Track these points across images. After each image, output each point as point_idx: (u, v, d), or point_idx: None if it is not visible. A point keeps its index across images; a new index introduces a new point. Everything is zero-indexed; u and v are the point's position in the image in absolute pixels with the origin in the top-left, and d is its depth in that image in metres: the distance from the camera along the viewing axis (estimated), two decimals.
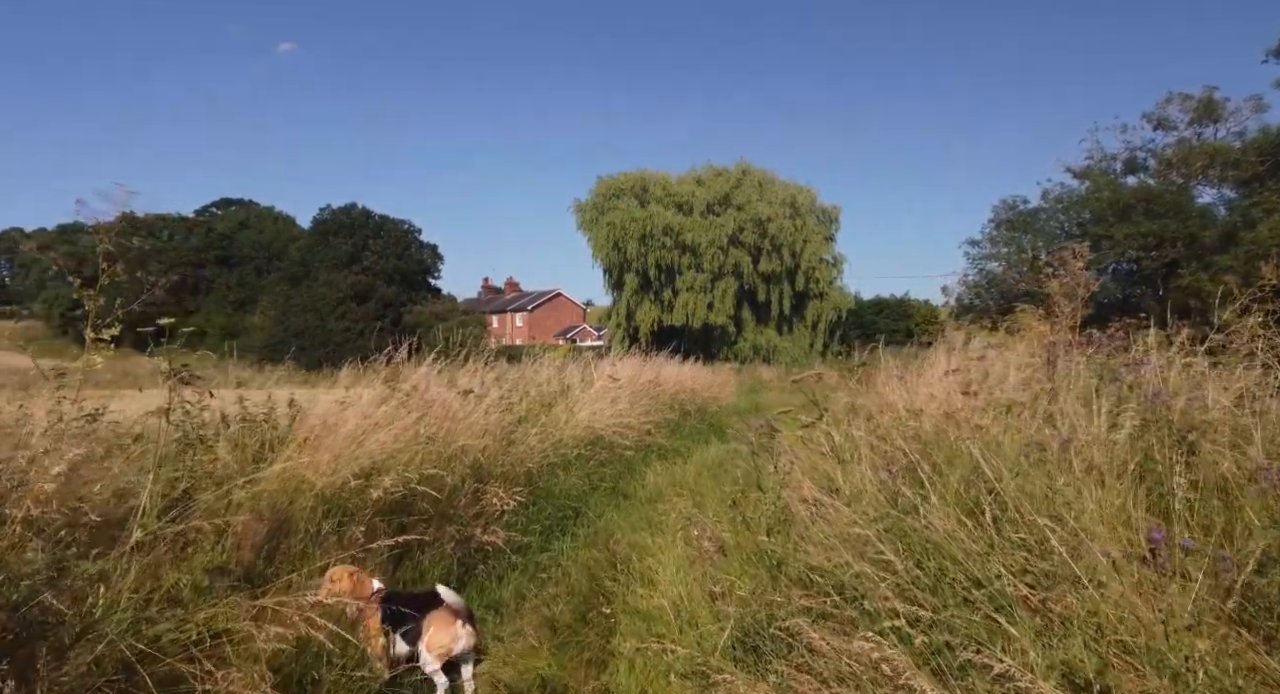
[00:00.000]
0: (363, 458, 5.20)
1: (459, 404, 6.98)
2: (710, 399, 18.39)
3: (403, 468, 5.40)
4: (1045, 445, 4.08)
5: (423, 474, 5.36)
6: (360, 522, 4.86)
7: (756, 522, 5.37)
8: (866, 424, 6.20)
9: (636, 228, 57.87)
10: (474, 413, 6.97)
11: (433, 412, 6.55)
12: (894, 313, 68.86)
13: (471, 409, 7.04)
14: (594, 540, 7.06)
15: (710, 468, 11.10)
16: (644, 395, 12.47)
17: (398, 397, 6.30)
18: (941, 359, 12.16)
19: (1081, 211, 42.01)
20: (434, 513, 5.56)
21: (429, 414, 6.49)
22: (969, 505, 3.89)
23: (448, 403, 6.88)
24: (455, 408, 6.89)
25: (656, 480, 9.63)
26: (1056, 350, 5.80)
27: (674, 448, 12.05)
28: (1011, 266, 44.51)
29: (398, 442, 5.58)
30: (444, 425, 6.44)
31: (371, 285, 68.13)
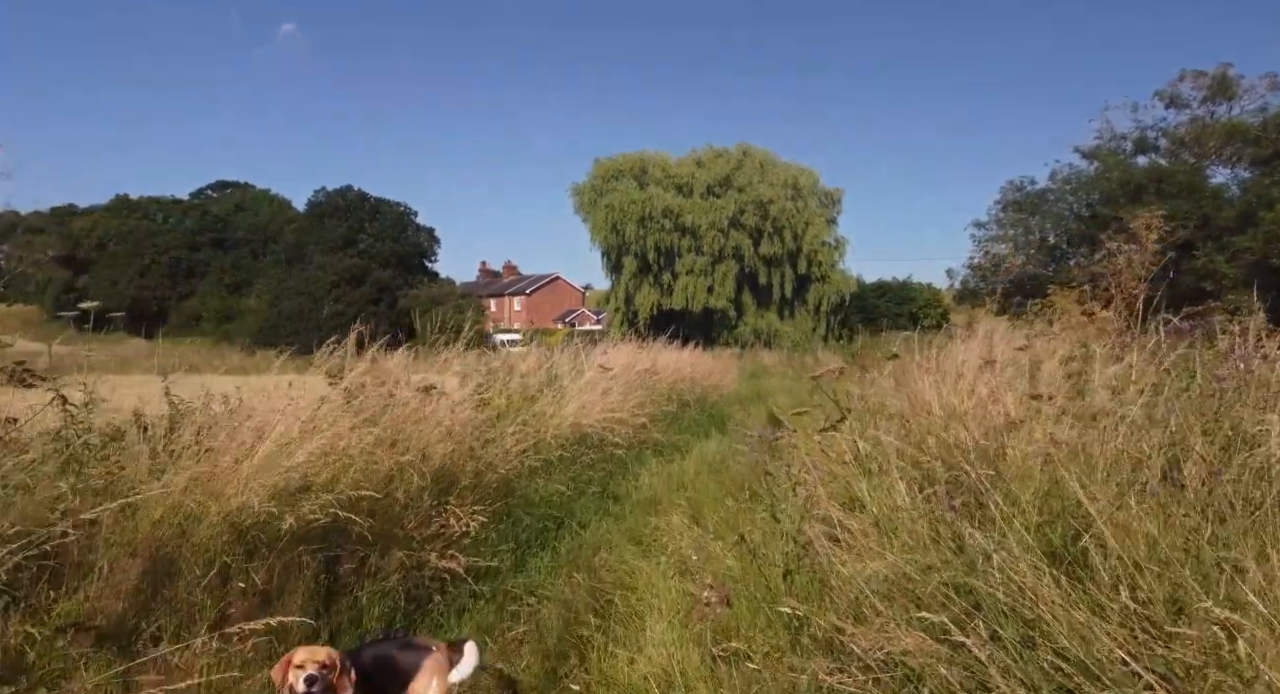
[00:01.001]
0: (290, 473, 4.28)
1: (422, 402, 6.05)
2: (710, 387, 17.45)
3: (339, 483, 4.47)
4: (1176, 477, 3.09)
5: (359, 494, 4.39)
6: (276, 555, 3.93)
7: (769, 558, 4.42)
8: (897, 428, 5.26)
9: (635, 210, 56.73)
10: (437, 412, 6.04)
11: (390, 412, 5.63)
12: (896, 296, 67.80)
13: (434, 408, 6.11)
14: (577, 558, 6.15)
15: (711, 465, 10.20)
16: (639, 386, 11.54)
17: (344, 393, 5.36)
18: (965, 348, 11.23)
19: (1091, 192, 40.96)
20: (378, 536, 4.64)
21: (387, 413, 5.58)
22: (1053, 549, 2.95)
23: (409, 401, 5.95)
24: (416, 406, 5.97)
25: (652, 481, 8.72)
26: (1126, 341, 4.87)
27: (671, 443, 11.13)
28: (1019, 249, 43.51)
29: (334, 451, 4.64)
30: (402, 428, 5.51)
31: (366, 269, 67.14)
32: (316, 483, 4.40)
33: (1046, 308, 8.81)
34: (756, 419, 16.12)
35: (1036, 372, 5.29)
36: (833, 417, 5.53)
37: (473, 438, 6.42)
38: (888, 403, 6.29)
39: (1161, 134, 41.02)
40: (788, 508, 4.59)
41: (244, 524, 3.85)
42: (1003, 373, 5.62)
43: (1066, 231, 42.06)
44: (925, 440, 4.81)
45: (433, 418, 5.88)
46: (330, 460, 4.53)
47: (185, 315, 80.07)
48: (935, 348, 17.76)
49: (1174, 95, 40.07)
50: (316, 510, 4.07)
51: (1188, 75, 40.14)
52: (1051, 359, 6.05)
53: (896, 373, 7.90)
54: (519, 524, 6.37)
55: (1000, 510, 3.16)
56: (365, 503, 4.55)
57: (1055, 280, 36.61)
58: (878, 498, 4.56)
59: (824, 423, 5.47)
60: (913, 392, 6.16)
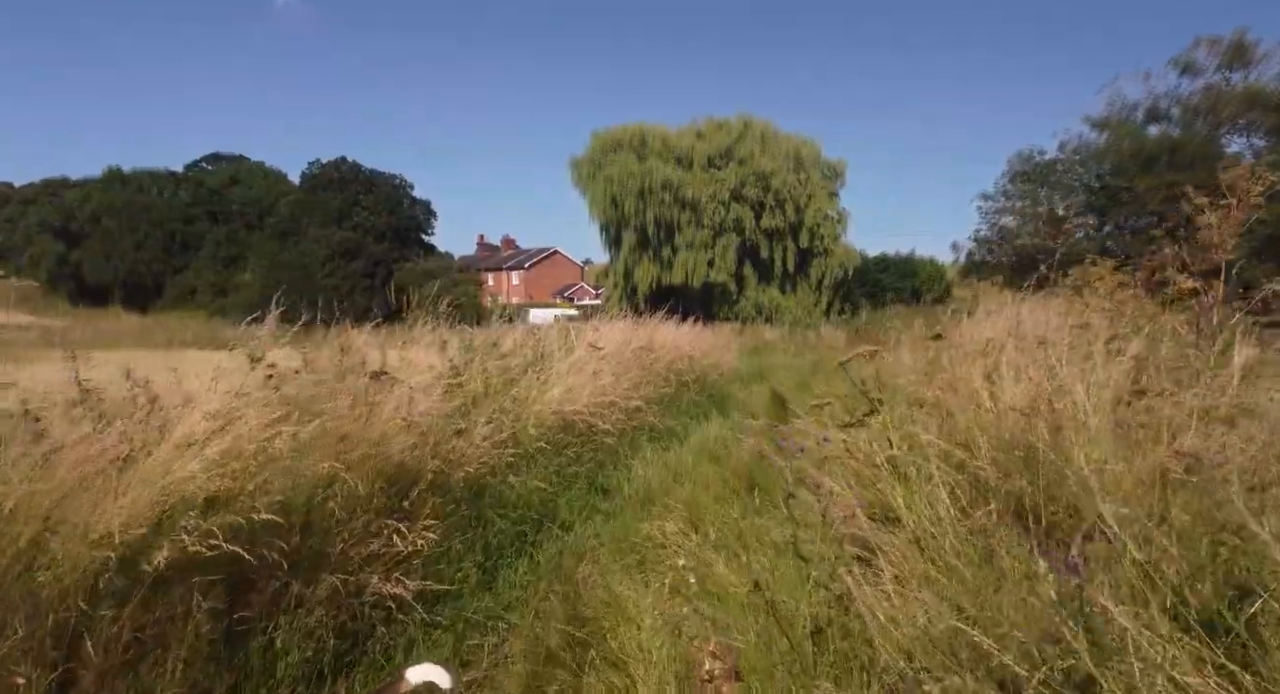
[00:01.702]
0: (184, 485, 3.42)
1: (372, 390, 5.16)
2: (710, 366, 16.56)
3: (251, 495, 3.61)
4: None
5: (262, 518, 3.50)
6: (154, 594, 3.08)
7: (793, 611, 3.54)
8: (936, 422, 4.40)
9: (634, 183, 55.58)
10: (388, 402, 5.16)
11: (335, 402, 4.76)
12: (899, 270, 66.75)
13: (387, 397, 5.22)
14: (557, 569, 5.32)
15: (711, 452, 9.37)
16: (633, 365, 10.67)
17: (273, 379, 4.48)
18: (991, 324, 10.35)
19: (1101, 163, 39.90)
20: (304, 558, 3.80)
21: (334, 404, 4.71)
22: (1208, 617, 2.09)
23: (358, 389, 5.08)
24: (366, 395, 5.09)
25: (646, 472, 7.89)
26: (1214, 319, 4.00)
27: (668, 427, 10.28)
28: (1026, 221, 42.52)
29: (242, 454, 3.75)
30: (344, 421, 4.65)
31: (361, 242, 66.24)
32: (223, 496, 3.54)
33: (1087, 279, 7.92)
34: (759, 399, 15.31)
35: (1114, 356, 4.39)
36: (859, 409, 4.66)
37: (439, 430, 5.56)
38: (921, 391, 5.41)
39: (1174, 102, 39.86)
40: (815, 540, 3.71)
41: (103, 559, 2.98)
42: (1056, 356, 4.74)
43: (1076, 203, 41.04)
44: (974, 439, 3.96)
45: (385, 408, 5.02)
46: (238, 467, 3.65)
47: (181, 289, 79.20)
48: (935, 322, 16.85)
49: (1189, 62, 38.85)
50: (214, 532, 3.19)
51: (1203, 42, 38.88)
52: (1098, 341, 5.19)
53: (917, 351, 7.02)
54: (490, 528, 5.52)
55: (1132, 562, 2.30)
56: (291, 518, 3.72)
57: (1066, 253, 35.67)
58: (917, 510, 3.71)
59: (849, 416, 4.60)
60: (952, 378, 5.28)
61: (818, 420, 6.90)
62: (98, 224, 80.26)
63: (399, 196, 78.30)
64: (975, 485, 3.74)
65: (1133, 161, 37.20)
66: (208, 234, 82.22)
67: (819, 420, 6.97)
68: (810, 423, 6.96)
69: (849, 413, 4.62)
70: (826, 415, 5.57)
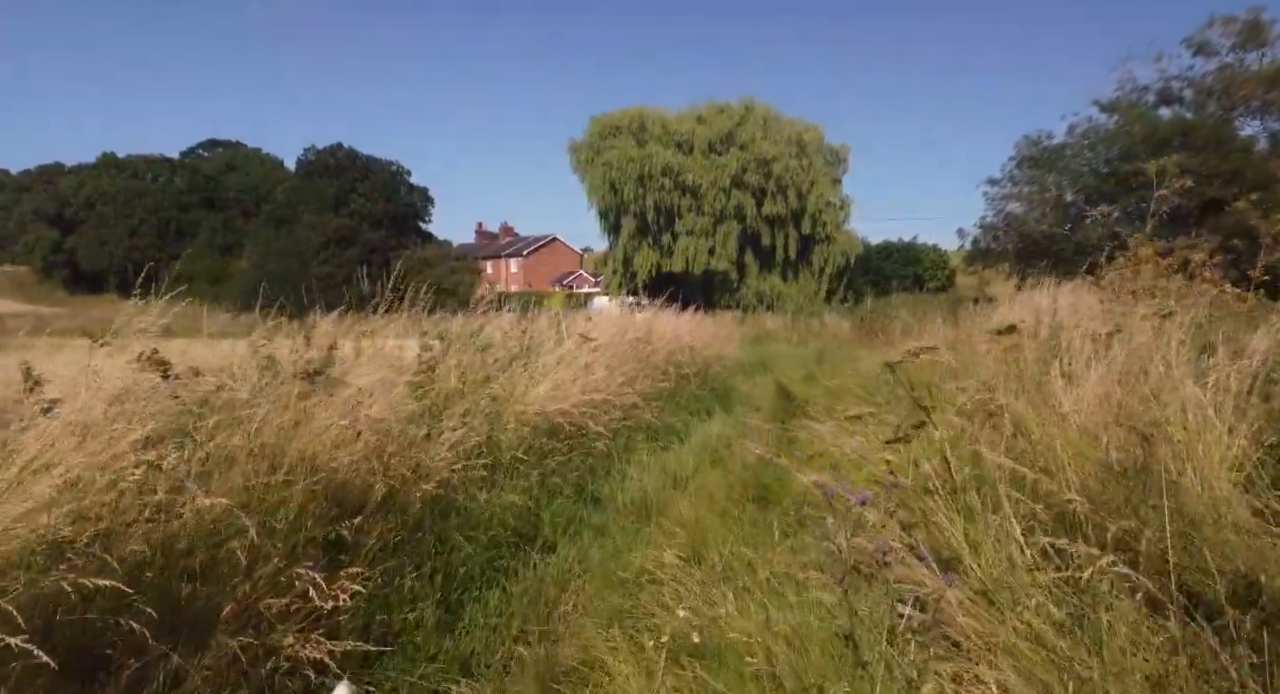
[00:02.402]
0: (11, 531, 2.56)
1: (303, 395, 4.28)
2: (712, 357, 15.65)
3: (113, 540, 2.74)
4: None
5: (134, 554, 2.57)
6: None
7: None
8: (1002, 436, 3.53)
9: (634, 168, 54.61)
10: (329, 408, 4.28)
11: (256, 410, 3.90)
12: (902, 258, 65.87)
13: (326, 400, 4.35)
14: (534, 603, 4.46)
15: (713, 454, 8.54)
16: (629, 357, 9.80)
17: (170, 383, 3.61)
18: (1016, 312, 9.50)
19: (1111, 147, 38.87)
20: (189, 620, 2.93)
21: (251, 412, 3.86)
22: None
23: (285, 394, 4.21)
24: (299, 399, 4.22)
25: (641, 479, 7.03)
26: None
27: (667, 425, 9.40)
28: (1034, 207, 41.53)
29: (93, 486, 2.86)
30: (266, 438, 3.78)
31: (356, 229, 65.39)
32: (79, 542, 2.68)
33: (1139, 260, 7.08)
34: (763, 392, 14.47)
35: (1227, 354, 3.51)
36: (908, 419, 3.78)
37: (397, 437, 4.70)
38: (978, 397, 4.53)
39: (1187, 84, 38.83)
40: (863, 611, 2.83)
41: None
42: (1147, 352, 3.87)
43: (1085, 188, 40.08)
44: (1056, 459, 3.10)
45: (322, 416, 4.14)
46: (87, 505, 2.77)
47: (176, 276, 78.30)
48: (950, 311, 15.90)
49: (1202, 42, 37.82)
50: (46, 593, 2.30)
51: (1217, 21, 37.87)
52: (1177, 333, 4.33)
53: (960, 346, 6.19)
54: (456, 554, 4.67)
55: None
56: (171, 567, 2.86)
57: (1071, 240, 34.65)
58: (985, 552, 2.86)
59: (895, 429, 3.71)
60: (1017, 377, 4.39)
61: (842, 427, 6.07)
62: (92, 210, 79.53)
63: (396, 183, 77.54)
64: (1061, 521, 2.90)
65: (1144, 145, 36.19)
66: (203, 221, 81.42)
67: (843, 427, 6.13)
68: (831, 427, 6.12)
69: (899, 427, 3.74)
70: (856, 423, 4.71)
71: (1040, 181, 41.73)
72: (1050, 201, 41.31)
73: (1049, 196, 41.37)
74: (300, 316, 7.07)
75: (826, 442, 6.94)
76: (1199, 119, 36.69)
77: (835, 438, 6.50)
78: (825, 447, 6.76)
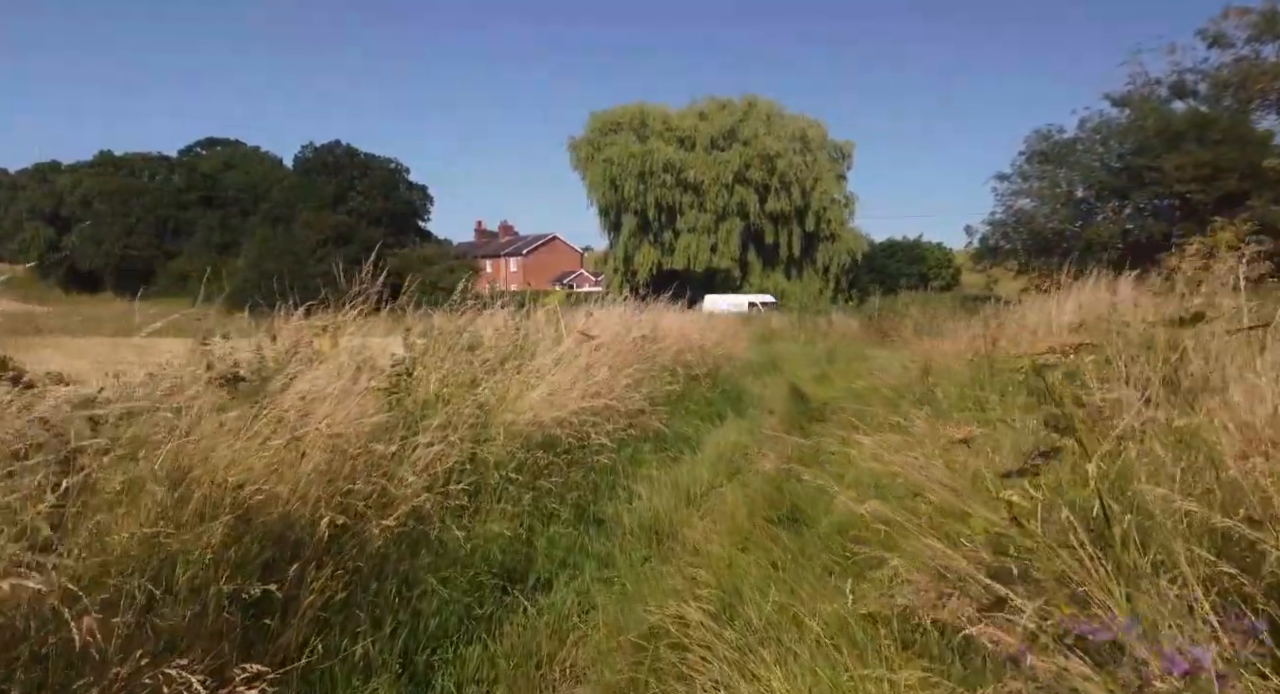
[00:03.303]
0: None
1: (215, 407, 3.36)
2: (722, 357, 14.76)
3: None
4: None
5: None
6: None
7: None
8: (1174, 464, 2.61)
9: (635, 165, 53.75)
10: (261, 423, 3.37)
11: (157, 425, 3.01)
12: (907, 256, 64.93)
13: (258, 413, 3.44)
14: (518, 669, 3.56)
15: (730, 464, 7.67)
16: (634, 358, 8.89)
17: None
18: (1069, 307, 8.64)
19: (1124, 141, 37.92)
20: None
21: (150, 430, 2.98)
22: None
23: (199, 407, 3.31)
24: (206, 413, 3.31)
25: (651, 497, 6.13)
26: None
27: (677, 433, 8.46)
28: (1045, 203, 40.60)
29: None
30: (177, 458, 2.90)
31: (353, 227, 64.59)
32: None
33: (1217, 245, 6.19)
34: (776, 393, 13.59)
35: None
36: (1041, 443, 2.80)
37: (356, 458, 3.80)
38: None
39: (1202, 77, 37.90)
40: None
41: None
42: None
43: (1096, 184, 39.17)
44: (1266, 499, 2.20)
45: (248, 434, 3.24)
46: None
47: (173, 275, 77.62)
48: (971, 312, 14.91)
49: (1217, 34, 36.89)
50: None
51: (1232, 12, 36.91)
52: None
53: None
54: (428, 602, 3.76)
55: None
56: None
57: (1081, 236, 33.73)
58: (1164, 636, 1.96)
59: (1028, 460, 2.72)
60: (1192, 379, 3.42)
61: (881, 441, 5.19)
62: (88, 209, 78.72)
63: (395, 181, 76.83)
64: (1275, 593, 2.02)
65: (1159, 139, 35.26)
66: (200, 220, 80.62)
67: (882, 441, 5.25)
68: (872, 442, 5.23)
69: (1028, 455, 2.78)
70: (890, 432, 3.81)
71: (1051, 177, 40.82)
72: (1061, 197, 40.42)
73: (1060, 192, 40.48)
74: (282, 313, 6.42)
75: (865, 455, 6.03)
76: (1214, 112, 35.78)
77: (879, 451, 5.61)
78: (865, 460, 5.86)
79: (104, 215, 77.58)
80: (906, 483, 4.90)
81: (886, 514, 4.01)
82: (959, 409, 7.37)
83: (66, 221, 79.68)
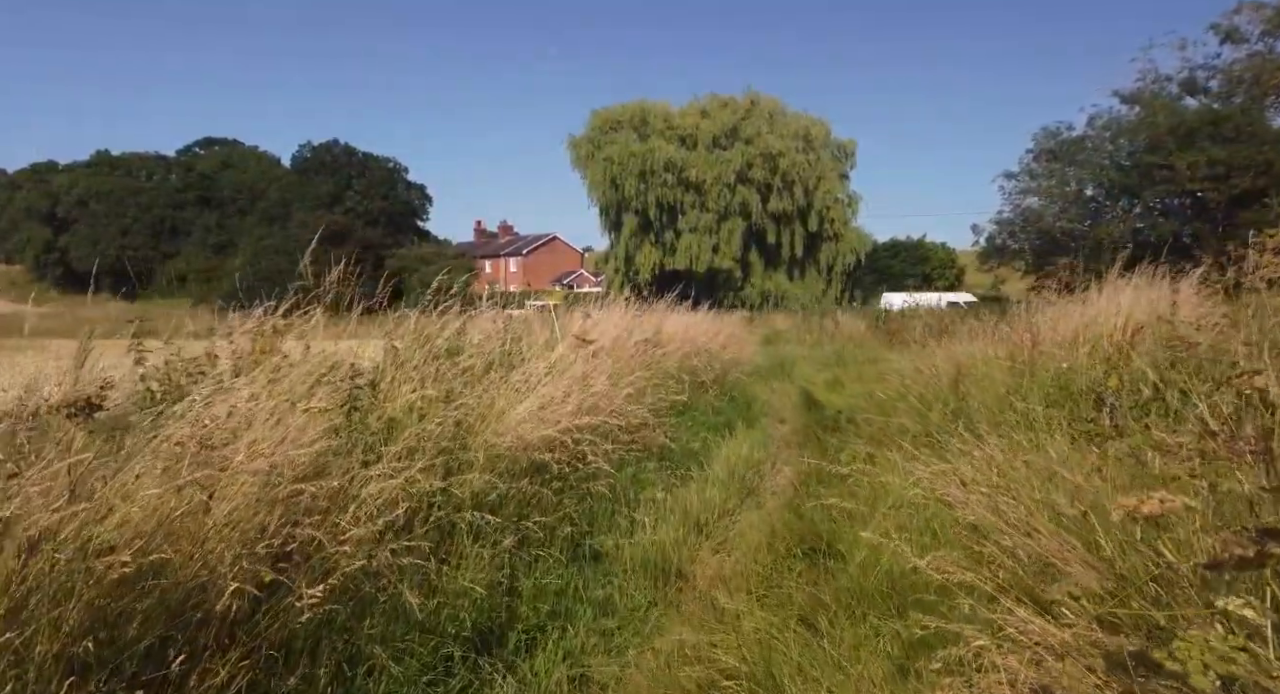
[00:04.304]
0: None
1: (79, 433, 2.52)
2: (731, 361, 13.90)
3: None
4: None
5: None
6: None
7: None
8: None
9: (635, 163, 52.87)
10: (115, 479, 2.54)
11: None
12: (910, 256, 64.12)
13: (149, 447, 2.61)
14: None
15: (743, 484, 6.89)
16: (636, 364, 8.04)
17: None
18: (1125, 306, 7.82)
19: (1135, 139, 37.07)
20: None
21: None
22: None
23: None
24: None
25: (657, 527, 5.31)
26: None
27: (684, 448, 7.60)
28: (1053, 202, 39.78)
29: None
30: None
31: (349, 227, 63.75)
32: None
33: None
34: (786, 400, 12.79)
35: None
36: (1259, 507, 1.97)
37: (283, 503, 2.96)
38: None
39: (1214, 73, 37.06)
40: None
41: None
42: None
43: (1106, 182, 38.33)
44: None
45: (122, 479, 2.41)
46: None
47: (170, 276, 76.90)
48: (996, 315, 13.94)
49: (1230, 29, 36.07)
50: None
51: (1245, 7, 36.08)
52: None
53: None
54: (374, 685, 2.90)
55: None
56: None
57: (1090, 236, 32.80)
58: None
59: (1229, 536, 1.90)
60: None
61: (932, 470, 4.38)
62: (84, 209, 77.90)
63: (393, 180, 76.06)
64: None
65: (1171, 136, 34.41)
66: (197, 219, 79.79)
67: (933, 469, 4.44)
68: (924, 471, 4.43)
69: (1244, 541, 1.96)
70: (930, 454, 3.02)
71: (1060, 175, 40.03)
72: (1070, 196, 39.64)
73: (1069, 191, 39.69)
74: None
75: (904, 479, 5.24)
76: (1228, 109, 34.95)
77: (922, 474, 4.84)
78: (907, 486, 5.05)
79: (100, 215, 76.79)
80: (962, 517, 4.11)
81: (956, 569, 3.20)
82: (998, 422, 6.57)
83: (63, 222, 78.86)
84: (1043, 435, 5.41)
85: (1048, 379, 6.86)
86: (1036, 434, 5.50)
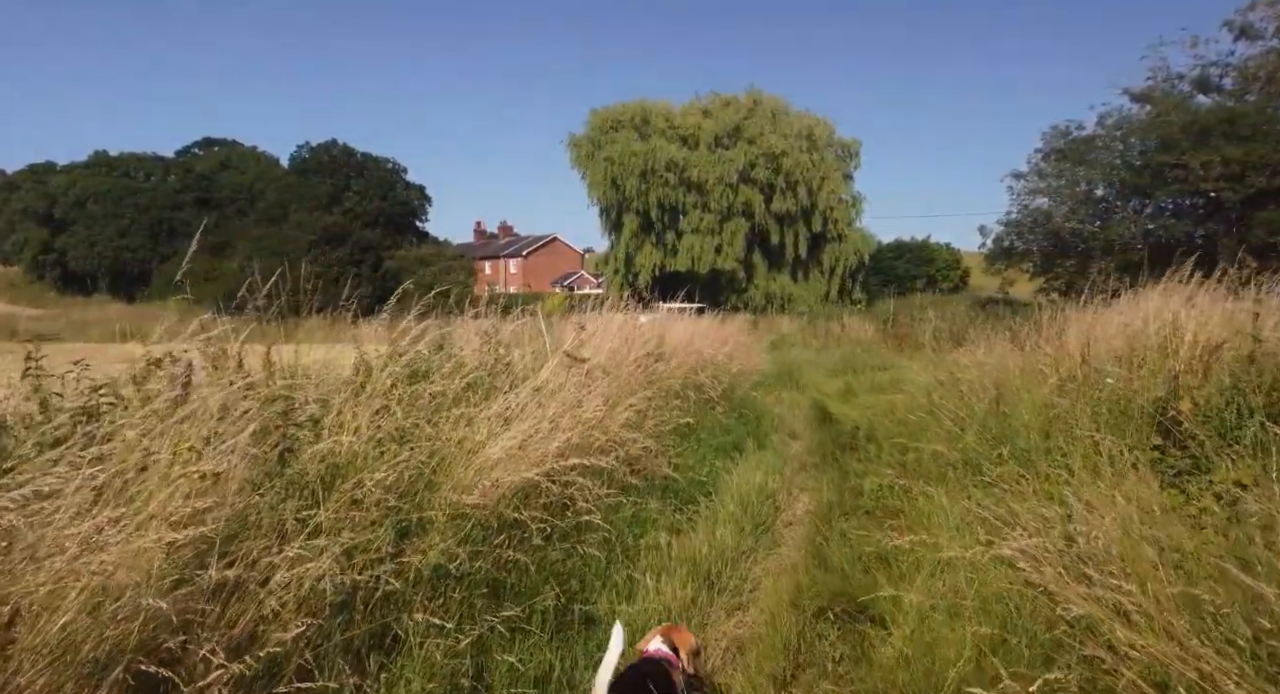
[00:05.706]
0: None
1: None
2: (739, 373, 13.03)
3: None
4: None
5: None
6: None
7: None
8: None
9: (636, 163, 52.05)
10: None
11: None
12: (915, 257, 63.31)
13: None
14: None
15: (757, 520, 6.10)
16: (636, 383, 7.18)
17: None
18: None
19: (1148, 138, 36.19)
20: None
21: None
22: None
23: None
24: None
25: (659, 584, 4.50)
26: None
27: (691, 478, 6.72)
28: (1063, 202, 38.89)
29: None
30: None
31: (347, 228, 63.04)
32: None
33: None
34: (798, 414, 11.99)
35: None
36: None
37: (153, 594, 2.15)
38: None
39: (1228, 70, 36.19)
40: None
41: None
42: None
43: (1117, 182, 37.46)
44: None
45: None
46: None
47: (168, 277, 76.22)
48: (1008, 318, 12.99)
49: (1245, 25, 35.22)
50: None
51: (1259, 3, 35.24)
52: None
53: None
54: None
55: None
56: None
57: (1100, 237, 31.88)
58: None
59: None
60: None
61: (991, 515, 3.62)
62: (82, 210, 77.30)
63: (392, 180, 75.45)
64: None
65: (1184, 135, 33.57)
66: (195, 220, 79.23)
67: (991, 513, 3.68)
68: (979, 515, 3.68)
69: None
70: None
71: (1069, 175, 39.12)
72: (1080, 196, 38.75)
73: (1079, 191, 38.80)
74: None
75: (966, 537, 4.48)
76: (1243, 107, 34.09)
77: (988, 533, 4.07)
78: (968, 544, 4.25)
79: (97, 216, 76.17)
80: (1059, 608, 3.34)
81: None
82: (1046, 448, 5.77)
83: (61, 223, 78.26)
84: (1116, 469, 4.60)
85: (1100, 398, 6.05)
86: (1105, 466, 4.68)
